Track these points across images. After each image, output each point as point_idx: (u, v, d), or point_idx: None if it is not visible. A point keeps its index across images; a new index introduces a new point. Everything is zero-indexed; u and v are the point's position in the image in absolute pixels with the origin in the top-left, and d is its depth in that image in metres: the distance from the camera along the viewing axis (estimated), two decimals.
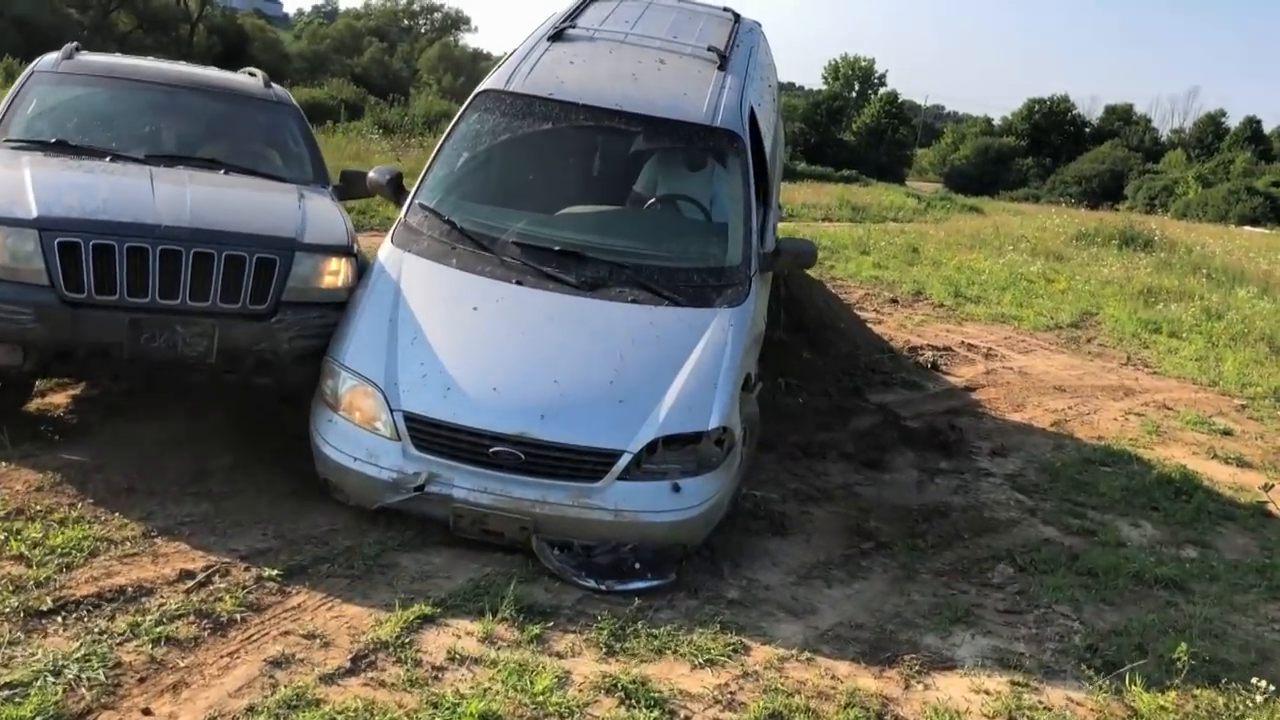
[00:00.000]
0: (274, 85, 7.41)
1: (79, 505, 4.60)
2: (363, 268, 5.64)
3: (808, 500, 6.15)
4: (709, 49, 6.52)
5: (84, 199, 5.21)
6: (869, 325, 11.31)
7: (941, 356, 10.70)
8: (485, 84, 6.18)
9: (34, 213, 5.01)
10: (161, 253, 5.06)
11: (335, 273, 5.50)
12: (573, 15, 6.86)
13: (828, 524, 5.85)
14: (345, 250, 5.58)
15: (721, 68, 6.38)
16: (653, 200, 6.10)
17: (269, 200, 5.95)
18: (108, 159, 5.86)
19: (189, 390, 5.78)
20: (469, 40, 72.28)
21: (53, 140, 6.01)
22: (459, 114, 6.10)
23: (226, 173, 6.13)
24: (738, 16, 7.40)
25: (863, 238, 22.11)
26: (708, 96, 6.08)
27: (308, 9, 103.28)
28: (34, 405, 5.78)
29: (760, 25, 7.71)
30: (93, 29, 57.32)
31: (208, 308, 5.15)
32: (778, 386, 7.50)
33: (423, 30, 77.90)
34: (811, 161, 54.50)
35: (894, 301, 14.38)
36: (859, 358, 9.42)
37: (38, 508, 4.50)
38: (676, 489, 4.78)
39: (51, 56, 6.84)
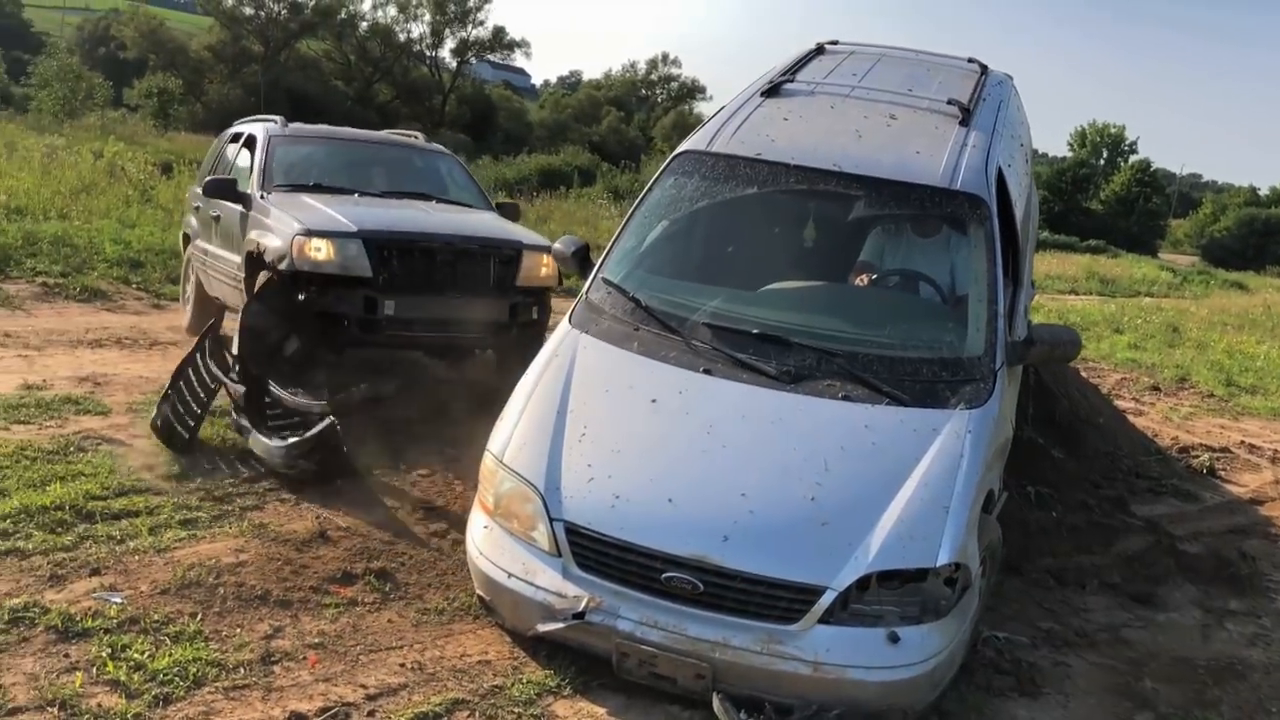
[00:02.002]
0: (430, 142, 9.33)
1: (201, 615, 4.07)
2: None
3: (1064, 646, 4.97)
4: (949, 102, 5.55)
5: (374, 217, 7.09)
6: (1129, 418, 9.82)
7: (1219, 459, 9.11)
8: (685, 144, 5.44)
9: (353, 228, 6.76)
10: (446, 253, 6.97)
11: (548, 265, 7.28)
12: (792, 69, 6.06)
13: (1090, 681, 4.66)
14: (549, 249, 6.52)
15: (964, 123, 5.39)
16: (876, 276, 5.16)
17: (484, 219, 7.91)
18: (355, 194, 7.71)
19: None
20: (704, 108, 73.06)
21: (310, 184, 7.74)
22: (654, 178, 5.39)
23: (436, 202, 8.02)
24: (984, 68, 6.38)
25: (1115, 314, 20.19)
26: (946, 155, 5.12)
27: (554, 80, 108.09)
28: (200, 483, 5.41)
29: (1011, 78, 6.67)
30: (356, 99, 61.80)
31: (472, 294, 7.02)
32: (1025, 496, 6.31)
33: (659, 99, 79.54)
34: (1055, 230, 51.79)
35: (1155, 389, 12.70)
36: (1120, 460, 8.02)
37: (155, 617, 3.99)
38: (894, 639, 3.79)
39: (272, 125, 8.43)
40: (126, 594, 4.15)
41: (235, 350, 6.17)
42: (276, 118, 8.60)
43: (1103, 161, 75.67)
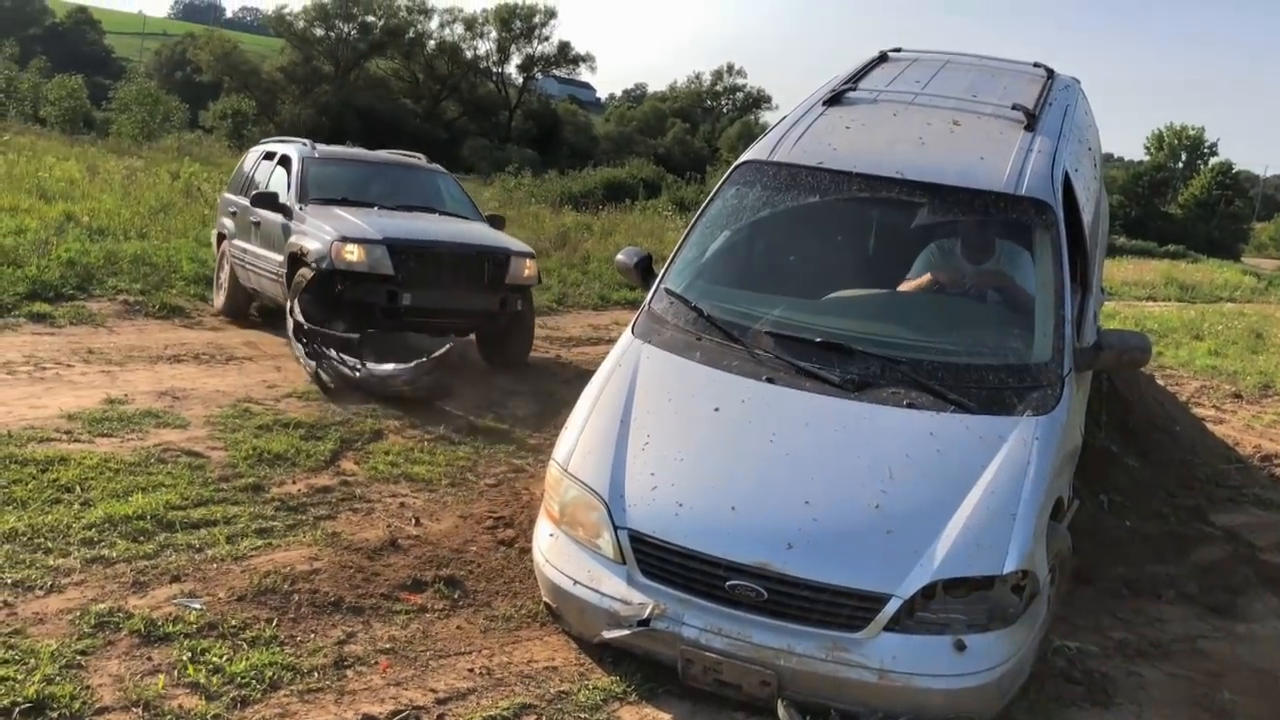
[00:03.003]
0: (431, 163, 11.14)
1: (276, 621, 4.17)
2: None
3: (1137, 656, 4.87)
4: (1014, 107, 5.49)
5: (393, 227, 8.80)
6: (1209, 426, 9.59)
7: None
8: (747, 154, 5.46)
9: (379, 235, 8.51)
10: (451, 257, 8.78)
11: (530, 267, 9.23)
12: (855, 77, 6.04)
13: (1166, 693, 4.57)
14: (533, 254, 9.43)
15: (1029, 128, 5.33)
16: (942, 283, 5.12)
17: (479, 228, 9.78)
18: (375, 207, 9.43)
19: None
20: (769, 118, 72.70)
21: (339, 199, 9.44)
22: (716, 189, 5.42)
23: (438, 214, 9.87)
24: (1051, 72, 6.29)
25: (1195, 320, 19.74)
26: (1011, 160, 5.07)
27: (619, 93, 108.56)
28: (275, 492, 5.56)
29: (1079, 82, 6.57)
30: (424, 116, 62.78)
31: (472, 290, 8.83)
32: (1098, 504, 6.20)
33: (724, 110, 79.47)
34: (1132, 236, 50.72)
35: (1237, 397, 12.40)
36: (1198, 468, 7.84)
37: (233, 622, 4.09)
38: (961, 647, 3.76)
39: (304, 147, 10.18)
40: (205, 600, 4.27)
41: (293, 324, 8.17)
42: (305, 141, 10.51)
43: (1181, 164, 73.88)
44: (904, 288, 5.10)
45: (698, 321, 4.77)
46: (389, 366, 7.67)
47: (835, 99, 5.71)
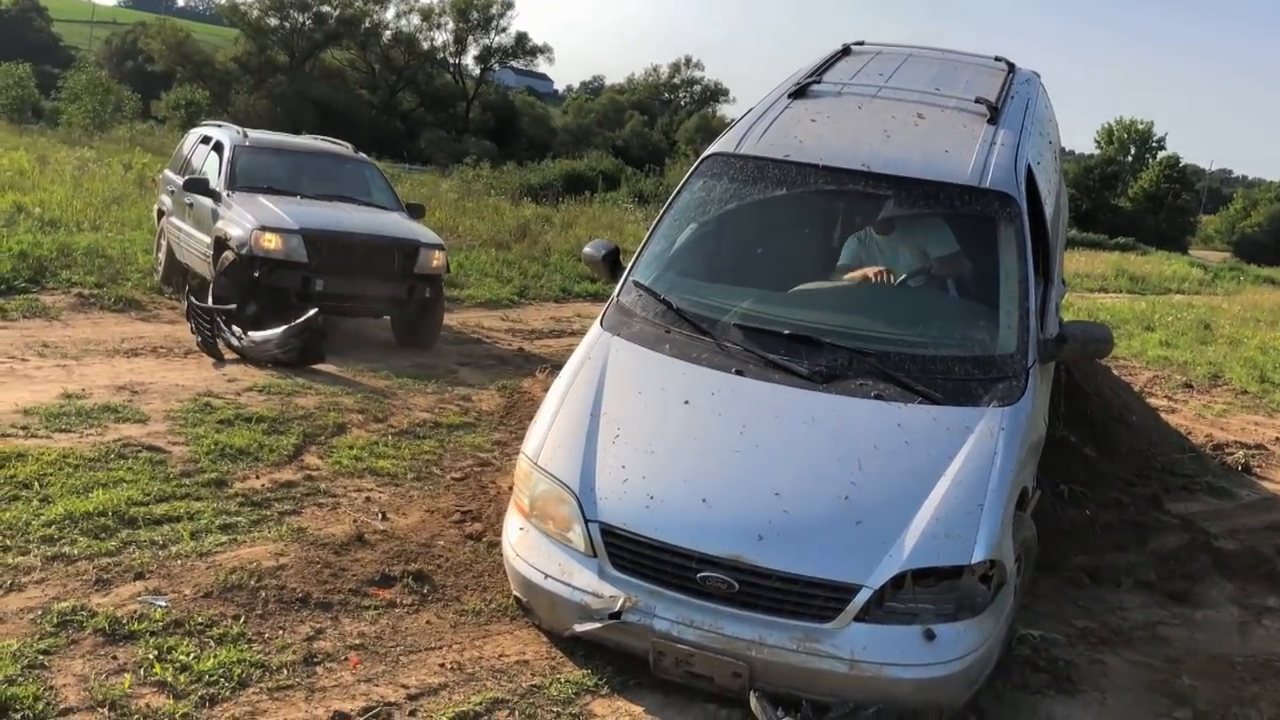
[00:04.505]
0: (358, 152, 11.64)
1: (244, 618, 4.12)
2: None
3: (1100, 644, 4.97)
4: (977, 100, 5.54)
5: (311, 217, 9.34)
6: (1162, 416, 9.76)
7: (1254, 456, 9.07)
8: (714, 147, 5.47)
9: (296, 226, 9.07)
10: (363, 248, 9.31)
11: (438, 258, 9.75)
12: (819, 70, 6.06)
13: (1127, 679, 4.66)
14: (442, 246, 9.97)
15: (992, 121, 5.38)
16: (906, 275, 5.16)
17: (394, 219, 10.23)
18: (298, 197, 9.93)
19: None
20: (727, 111, 72.66)
21: (265, 186, 9.96)
22: (683, 182, 5.42)
23: (360, 205, 10.33)
24: (1012, 66, 6.35)
25: (1146, 311, 20.06)
26: (975, 153, 5.12)
27: (576, 85, 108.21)
28: (238, 488, 5.49)
29: (1039, 76, 6.65)
30: (380, 107, 62.23)
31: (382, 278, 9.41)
32: (1058, 494, 6.29)
33: (683, 103, 79.41)
34: (1084, 228, 51.42)
35: (1188, 386, 12.65)
36: (1154, 457, 7.97)
37: (199, 619, 4.04)
38: (930, 636, 3.80)
39: (235, 133, 10.81)
40: (171, 597, 4.21)
41: (210, 300, 8.87)
42: (238, 128, 11.10)
43: (1130, 158, 74.95)
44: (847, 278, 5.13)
45: (666, 314, 4.77)
46: (263, 334, 8.36)
47: (800, 92, 5.73)
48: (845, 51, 6.47)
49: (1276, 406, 11.90)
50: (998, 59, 6.52)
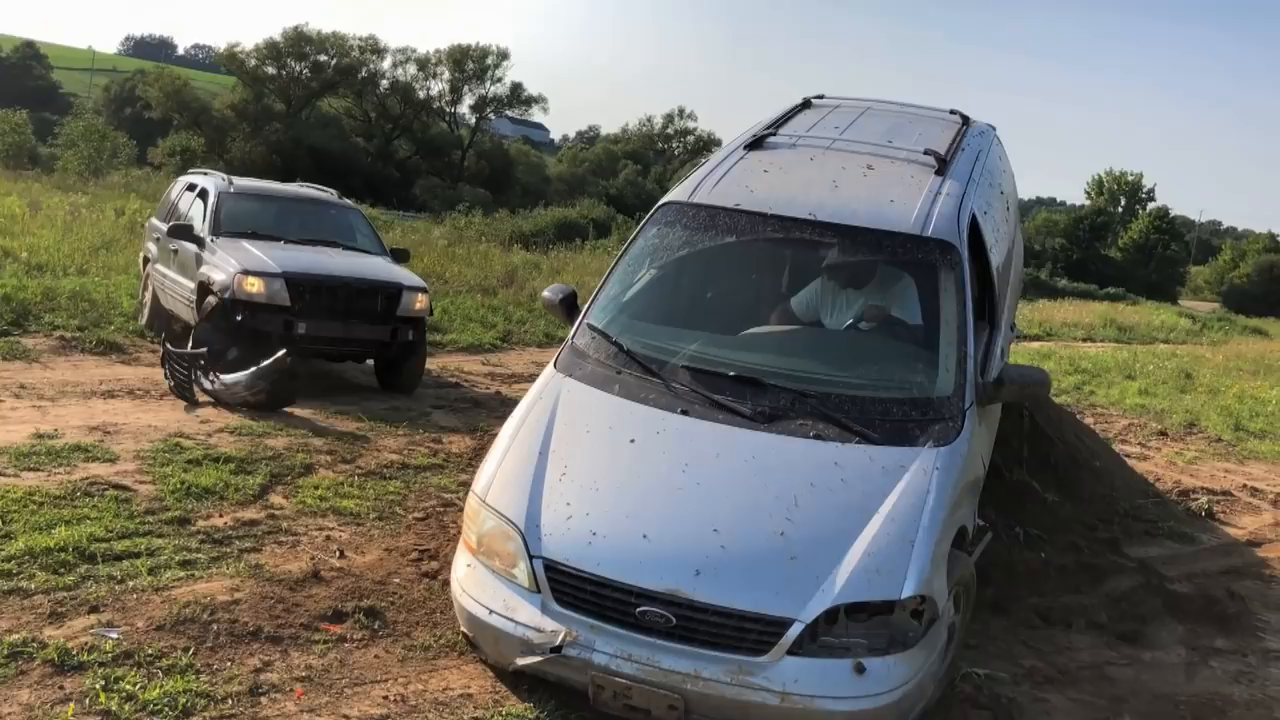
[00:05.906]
0: (343, 198, 11.89)
1: (194, 649, 4.20)
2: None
3: (1045, 683, 5.03)
4: (926, 152, 5.72)
5: (294, 261, 9.49)
6: (1132, 462, 9.87)
7: (1218, 502, 9.14)
8: (668, 196, 5.64)
9: (278, 269, 9.20)
10: (345, 290, 9.41)
11: (421, 301, 9.88)
12: (777, 123, 6.25)
13: (1069, 717, 4.73)
14: (425, 289, 10.12)
15: (940, 172, 5.55)
16: (850, 321, 5.30)
17: (378, 263, 10.43)
18: (281, 241, 10.12)
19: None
20: None
21: (249, 232, 10.16)
22: (638, 229, 5.58)
23: (344, 250, 10.52)
24: (966, 119, 6.55)
25: (1128, 360, 20.19)
26: (919, 203, 5.27)
27: (572, 135, 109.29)
28: (201, 525, 5.57)
29: (994, 129, 6.84)
30: (376, 155, 62.75)
31: (365, 321, 9.51)
32: (1015, 537, 6.39)
33: (676, 152, 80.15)
34: (1074, 279, 51.82)
35: (1163, 434, 12.73)
36: (1117, 502, 8.06)
37: (149, 651, 4.12)
38: (861, 670, 3.88)
39: (220, 180, 11.02)
40: (123, 629, 4.29)
41: (191, 345, 9.01)
42: (224, 175, 11.33)
43: (1120, 209, 75.77)
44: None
45: (618, 356, 4.90)
46: (233, 376, 8.42)
47: (756, 143, 5.91)
48: (805, 104, 6.67)
49: (1248, 454, 11.99)
50: (953, 112, 6.71)
